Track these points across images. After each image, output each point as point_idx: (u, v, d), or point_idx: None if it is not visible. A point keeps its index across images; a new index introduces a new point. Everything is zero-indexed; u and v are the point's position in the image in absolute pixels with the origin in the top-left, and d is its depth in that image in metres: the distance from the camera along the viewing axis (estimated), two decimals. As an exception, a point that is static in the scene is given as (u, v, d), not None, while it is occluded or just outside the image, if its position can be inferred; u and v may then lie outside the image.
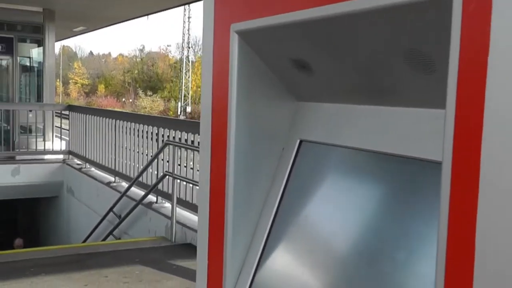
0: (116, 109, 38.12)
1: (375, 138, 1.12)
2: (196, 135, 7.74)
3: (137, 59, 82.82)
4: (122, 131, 10.46)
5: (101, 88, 79.86)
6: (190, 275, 6.20)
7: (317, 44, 1.09)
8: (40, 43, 16.05)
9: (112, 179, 10.74)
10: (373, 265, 1.08)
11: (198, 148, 7.48)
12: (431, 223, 0.95)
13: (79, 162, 13.17)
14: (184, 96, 61.94)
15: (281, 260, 1.24)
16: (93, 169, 12.18)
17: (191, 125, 8.69)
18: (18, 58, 15.68)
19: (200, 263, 1.39)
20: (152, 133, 9.18)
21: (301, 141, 1.29)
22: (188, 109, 59.49)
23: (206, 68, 1.33)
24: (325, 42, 1.06)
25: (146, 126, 9.51)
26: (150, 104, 63.57)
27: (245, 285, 1.26)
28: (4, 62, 15.88)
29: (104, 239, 9.39)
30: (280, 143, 1.32)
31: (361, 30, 0.98)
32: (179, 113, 58.88)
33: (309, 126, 1.28)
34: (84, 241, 10.40)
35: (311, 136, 1.27)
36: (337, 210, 1.20)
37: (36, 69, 16.31)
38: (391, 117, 1.09)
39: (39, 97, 15.77)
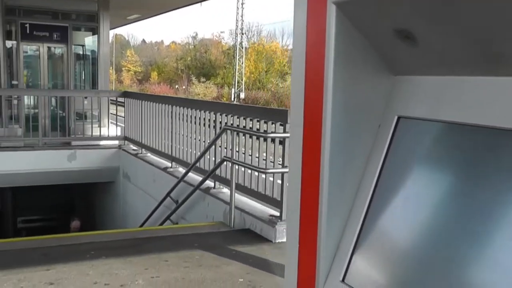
0: (169, 95, 38.43)
1: (485, 112, 1.04)
2: (255, 120, 7.70)
3: (190, 46, 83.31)
4: (178, 117, 10.51)
5: (154, 75, 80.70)
6: (249, 260, 6.20)
7: (426, 12, 1.02)
8: (94, 31, 16.27)
9: (169, 164, 10.80)
10: (481, 251, 1.02)
11: (258, 133, 7.48)
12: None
13: (135, 147, 13.32)
14: (238, 82, 62.04)
15: (378, 245, 1.19)
16: (149, 154, 12.29)
17: (249, 110, 8.64)
18: (73, 46, 15.94)
19: (290, 248, 1.34)
20: (210, 119, 9.19)
21: (399, 118, 1.23)
22: (242, 95, 59.60)
23: (298, 42, 1.28)
24: (436, 8, 1.00)
25: (202, 112, 9.52)
26: (203, 90, 63.94)
27: (340, 271, 1.21)
28: (59, 50, 16.17)
29: (161, 224, 9.48)
30: (376, 120, 1.26)
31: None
32: (232, 99, 59.04)
33: (408, 101, 1.21)
34: (141, 225, 10.53)
35: (410, 112, 1.21)
36: (439, 193, 1.13)
37: (90, 57, 16.57)
38: (506, 88, 1.01)
39: (94, 84, 16.03)
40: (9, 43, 15.55)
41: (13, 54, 15.65)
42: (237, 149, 7.82)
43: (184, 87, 69.38)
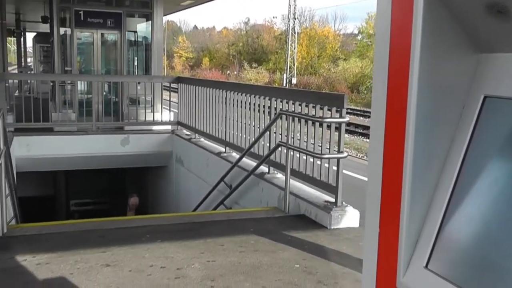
0: (223, 80, 38.70)
1: None
2: (311, 105, 7.66)
3: (242, 32, 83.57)
4: (232, 103, 10.52)
5: (206, 61, 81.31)
6: (305, 246, 6.19)
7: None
8: (148, 17, 16.43)
9: (223, 149, 10.85)
10: None
11: (314, 118, 7.43)
12: None
13: (188, 132, 13.42)
14: (289, 68, 61.96)
15: (462, 232, 1.15)
16: (202, 139, 12.36)
17: (304, 95, 8.60)
18: (126, 32, 16.13)
19: (370, 234, 1.31)
20: (264, 105, 9.17)
21: (485, 97, 1.18)
22: (294, 81, 59.52)
23: (382, 22, 1.25)
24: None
25: (256, 97, 9.51)
26: (255, 76, 64.08)
27: (423, 257, 1.18)
28: (112, 37, 16.39)
29: (214, 209, 9.55)
30: (460, 100, 1.22)
31: None
32: (284, 84, 59.03)
33: (496, 80, 1.16)
34: (194, 210, 10.64)
35: (498, 90, 1.16)
36: None
37: (143, 43, 16.75)
38: None
39: (146, 70, 16.20)
40: (62, 30, 15.85)
41: (67, 41, 15.91)
42: (292, 135, 7.80)
43: (235, 72, 69.68)
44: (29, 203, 14.67)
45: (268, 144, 8.69)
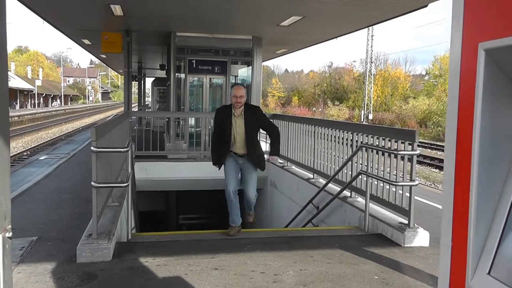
0: (312, 117, 38.79)
1: None
2: (387, 139, 7.67)
3: (326, 74, 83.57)
4: (319, 136, 10.63)
5: (295, 99, 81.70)
6: (382, 261, 6.17)
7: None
8: (248, 64, 16.84)
9: (311, 175, 10.95)
10: None
11: (390, 150, 7.44)
12: None
13: (281, 161, 13.56)
14: (366, 105, 61.28)
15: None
16: (293, 167, 12.49)
17: (381, 130, 8.60)
18: (230, 77, 16.58)
19: (444, 248, 1.43)
20: (347, 138, 9.23)
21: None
22: (370, 116, 58.78)
23: (453, 80, 1.38)
24: None
25: (339, 131, 9.59)
26: (337, 112, 63.80)
27: (486, 265, 1.28)
28: (219, 81, 16.89)
29: (303, 226, 9.62)
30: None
31: None
32: (362, 119, 58.42)
33: None
34: (286, 226, 10.73)
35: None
36: None
37: (244, 84, 17.13)
38: None
39: (247, 108, 16.48)
40: (177, 75, 16.48)
41: (181, 84, 16.53)
42: (371, 165, 7.82)
43: (320, 109, 69.60)
44: (145, 216, 15.20)
45: (350, 172, 8.73)
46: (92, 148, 6.02)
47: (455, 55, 1.36)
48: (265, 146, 15.17)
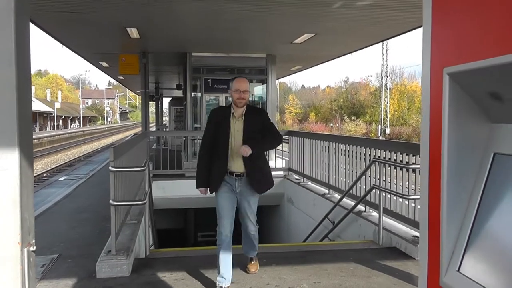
0: (326, 133, 38.82)
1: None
2: (398, 153, 7.80)
3: (342, 89, 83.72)
4: (334, 151, 10.79)
5: (312, 115, 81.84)
6: (396, 274, 6.25)
7: (509, 81, 1.26)
8: (264, 81, 17.06)
9: (326, 191, 11.09)
10: None
11: (401, 164, 7.57)
12: None
13: (297, 177, 13.72)
14: (383, 119, 61.23)
15: (484, 245, 1.40)
16: (309, 183, 12.63)
17: (393, 144, 8.75)
18: (245, 94, 16.77)
19: (422, 249, 1.60)
20: (360, 153, 9.37)
21: (494, 154, 1.45)
22: (387, 131, 58.70)
23: (424, 100, 1.56)
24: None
25: (353, 147, 9.75)
26: (354, 127, 63.86)
27: (456, 263, 1.44)
28: (233, 99, 17.09)
29: (320, 241, 9.73)
30: (479, 156, 1.48)
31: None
32: (379, 134, 58.34)
33: (503, 142, 1.43)
34: (304, 241, 10.84)
35: (504, 149, 1.42)
36: None
37: (260, 102, 17.33)
38: None
39: (261, 125, 16.65)
40: (193, 94, 16.74)
41: (197, 103, 16.79)
42: (383, 178, 7.94)
43: (337, 125, 69.65)
44: (163, 233, 15.36)
45: (364, 187, 8.85)
46: (110, 168, 6.24)
47: (425, 78, 1.55)
48: (281, 162, 15.45)
